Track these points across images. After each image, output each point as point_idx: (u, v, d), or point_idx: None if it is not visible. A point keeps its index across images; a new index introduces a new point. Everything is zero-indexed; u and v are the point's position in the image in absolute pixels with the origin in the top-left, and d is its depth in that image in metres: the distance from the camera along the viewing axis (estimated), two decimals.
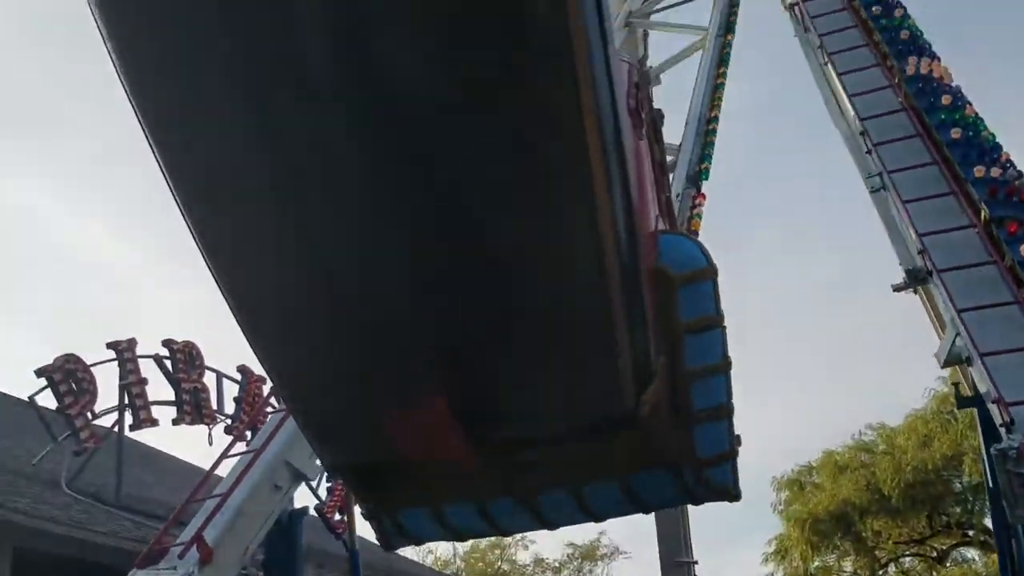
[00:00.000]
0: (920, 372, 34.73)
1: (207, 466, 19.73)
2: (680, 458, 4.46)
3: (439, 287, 3.27)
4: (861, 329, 54.82)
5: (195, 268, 3.37)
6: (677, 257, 4.26)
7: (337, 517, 14.36)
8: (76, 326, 48.54)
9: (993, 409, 7.55)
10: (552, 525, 5.01)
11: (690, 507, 16.15)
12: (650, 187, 4.28)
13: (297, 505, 10.55)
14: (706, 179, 11.76)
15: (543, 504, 4.67)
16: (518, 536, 47.27)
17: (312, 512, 13.51)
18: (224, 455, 10.12)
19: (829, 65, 11.82)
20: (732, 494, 4.76)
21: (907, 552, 38.37)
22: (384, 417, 3.64)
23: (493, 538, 46.72)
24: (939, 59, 11.13)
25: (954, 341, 8.48)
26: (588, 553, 47.35)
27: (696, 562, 17.19)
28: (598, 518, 4.99)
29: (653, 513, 15.46)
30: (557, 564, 47.57)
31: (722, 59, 13.61)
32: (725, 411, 4.54)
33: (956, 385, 10.13)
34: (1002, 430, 7.33)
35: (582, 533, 66.51)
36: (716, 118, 12.64)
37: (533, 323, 3.42)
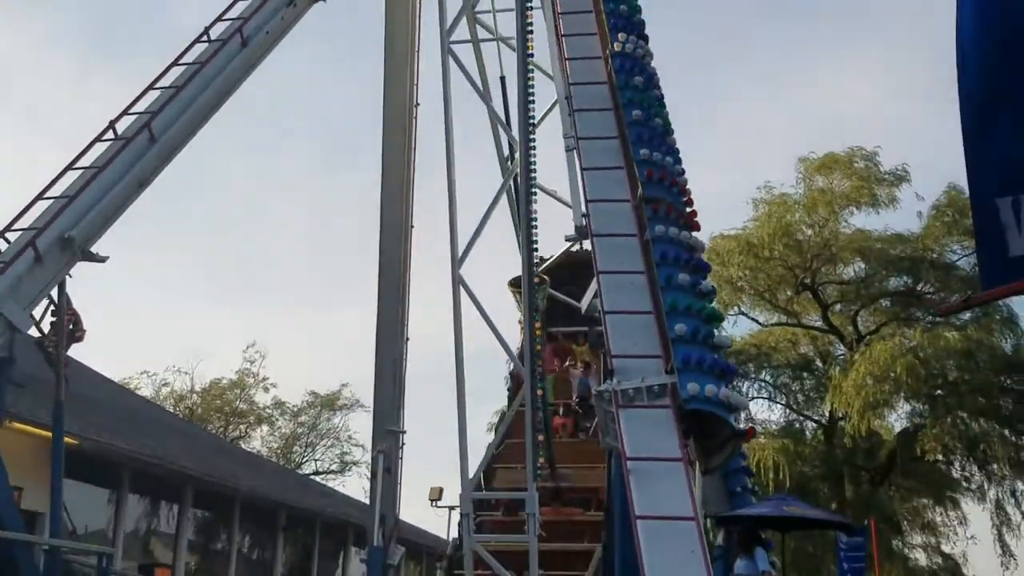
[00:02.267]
0: None
1: None
2: None
3: None
4: None
5: None
6: None
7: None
8: None
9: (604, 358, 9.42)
10: None
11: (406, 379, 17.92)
12: None
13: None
14: None
15: None
16: (260, 376, 48.43)
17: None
18: None
19: (559, 22, 13.18)
20: None
21: None
22: None
23: (234, 376, 47.74)
24: (646, 39, 12.67)
25: (595, 295, 10.35)
26: (328, 402, 49.06)
27: (405, 431, 19.00)
28: None
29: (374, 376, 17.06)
30: (296, 408, 49.06)
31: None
32: None
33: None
34: (608, 375, 9.22)
35: (325, 383, 68.22)
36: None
37: None
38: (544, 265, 19.66)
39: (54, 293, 11.16)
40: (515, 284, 20.31)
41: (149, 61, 72.83)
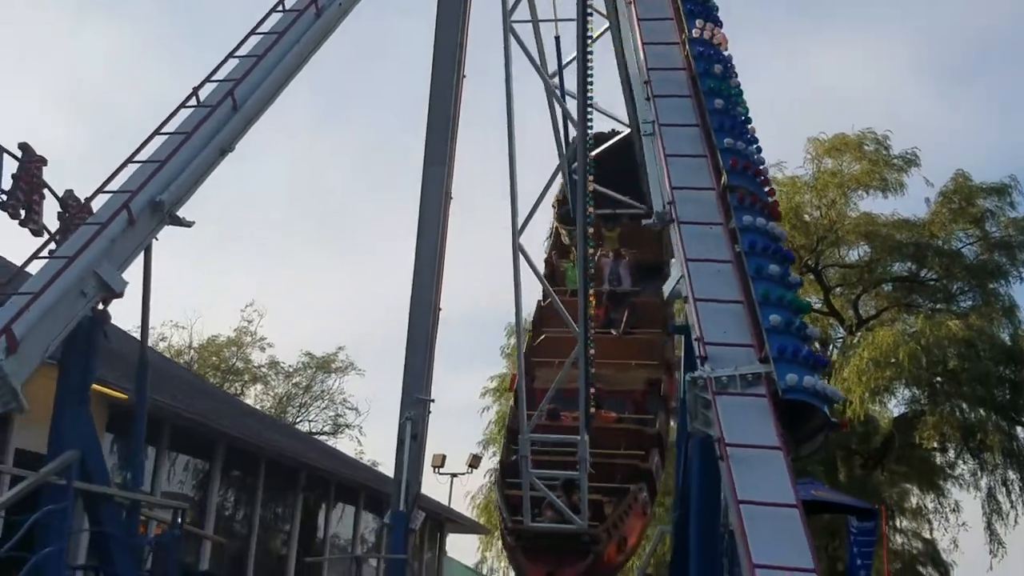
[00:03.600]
0: None
1: None
2: None
3: None
4: None
5: None
6: None
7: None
8: None
9: (695, 343, 9.66)
10: None
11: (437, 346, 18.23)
12: None
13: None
14: None
15: None
16: (258, 335, 48.60)
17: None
18: (35, 255, 10.91)
19: (632, 6, 13.34)
20: None
21: None
22: None
23: (232, 334, 47.89)
24: (721, 25, 12.86)
25: (678, 281, 10.57)
26: (323, 364, 49.30)
27: (433, 400, 19.30)
28: None
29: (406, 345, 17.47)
30: (291, 369, 49.31)
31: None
32: None
33: (673, 314, 12.32)
34: (699, 361, 9.46)
35: (321, 345, 68.36)
36: None
37: None
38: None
39: None
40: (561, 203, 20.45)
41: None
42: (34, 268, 11.01)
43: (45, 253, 11.07)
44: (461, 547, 74.29)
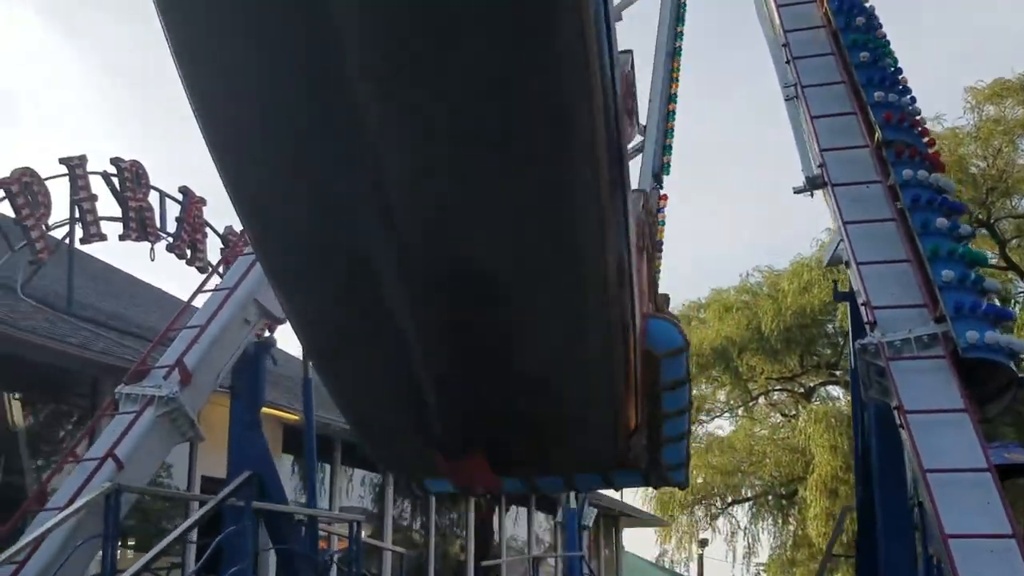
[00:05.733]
0: (815, 223, 36.93)
1: (149, 280, 20.85)
2: (650, 467, 6.20)
3: (487, 378, 4.44)
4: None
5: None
6: (661, 340, 5.70)
7: None
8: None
9: (862, 309, 9.19)
10: (540, 491, 7.49)
11: None
12: (645, 280, 5.62)
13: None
14: (668, 174, 11.49)
15: (540, 484, 6.54)
16: None
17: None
18: (200, 290, 11.33)
19: None
20: (683, 487, 7.06)
21: (777, 387, 41.60)
22: (436, 458, 4.95)
23: None
24: None
25: (837, 246, 10.10)
26: None
27: None
28: (579, 491, 7.22)
29: None
30: None
31: (679, 16, 13.34)
32: (686, 435, 6.33)
33: (835, 282, 11.78)
34: (867, 327, 8.99)
35: None
36: (676, 95, 12.43)
37: (555, 401, 4.73)
38: None
39: None
40: None
41: None
42: (200, 302, 11.39)
43: (210, 286, 11.45)
44: (639, 541, 73.87)
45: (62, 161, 16.02)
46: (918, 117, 10.54)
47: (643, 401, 5.50)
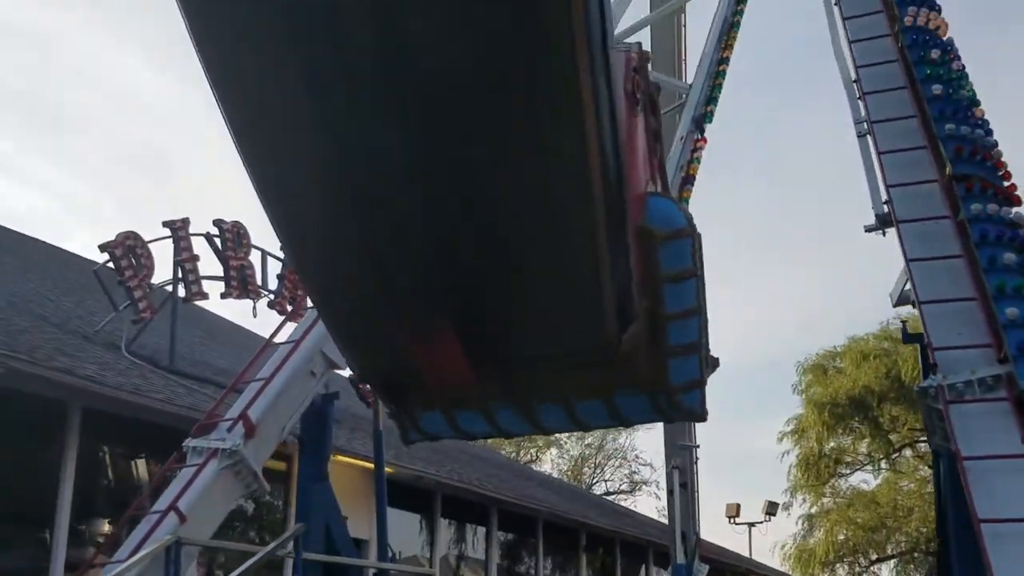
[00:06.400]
0: None
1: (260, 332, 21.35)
2: (656, 385, 5.31)
3: (451, 240, 4.12)
4: None
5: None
6: (660, 218, 5.17)
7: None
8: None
9: (928, 351, 8.73)
10: (548, 431, 6.20)
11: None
12: (642, 155, 5.18)
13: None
14: (710, 122, 12.19)
15: (540, 413, 5.53)
16: None
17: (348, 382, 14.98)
18: (270, 341, 11.51)
19: (837, 6, 12.55)
20: (699, 416, 5.69)
21: (922, 438, 39.81)
22: (405, 341, 4.72)
23: None
24: (939, 9, 11.81)
25: (905, 285, 9.65)
26: None
27: (698, 446, 18.63)
28: (586, 428, 6.18)
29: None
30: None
31: None
32: (696, 347, 5.28)
33: (904, 322, 11.24)
34: (930, 369, 8.54)
35: None
36: (727, 59, 12.98)
37: (530, 267, 4.39)
38: None
39: None
40: None
41: None
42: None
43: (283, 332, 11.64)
44: None
45: (165, 224, 16.67)
46: (992, 150, 10.02)
47: (640, 291, 4.93)
